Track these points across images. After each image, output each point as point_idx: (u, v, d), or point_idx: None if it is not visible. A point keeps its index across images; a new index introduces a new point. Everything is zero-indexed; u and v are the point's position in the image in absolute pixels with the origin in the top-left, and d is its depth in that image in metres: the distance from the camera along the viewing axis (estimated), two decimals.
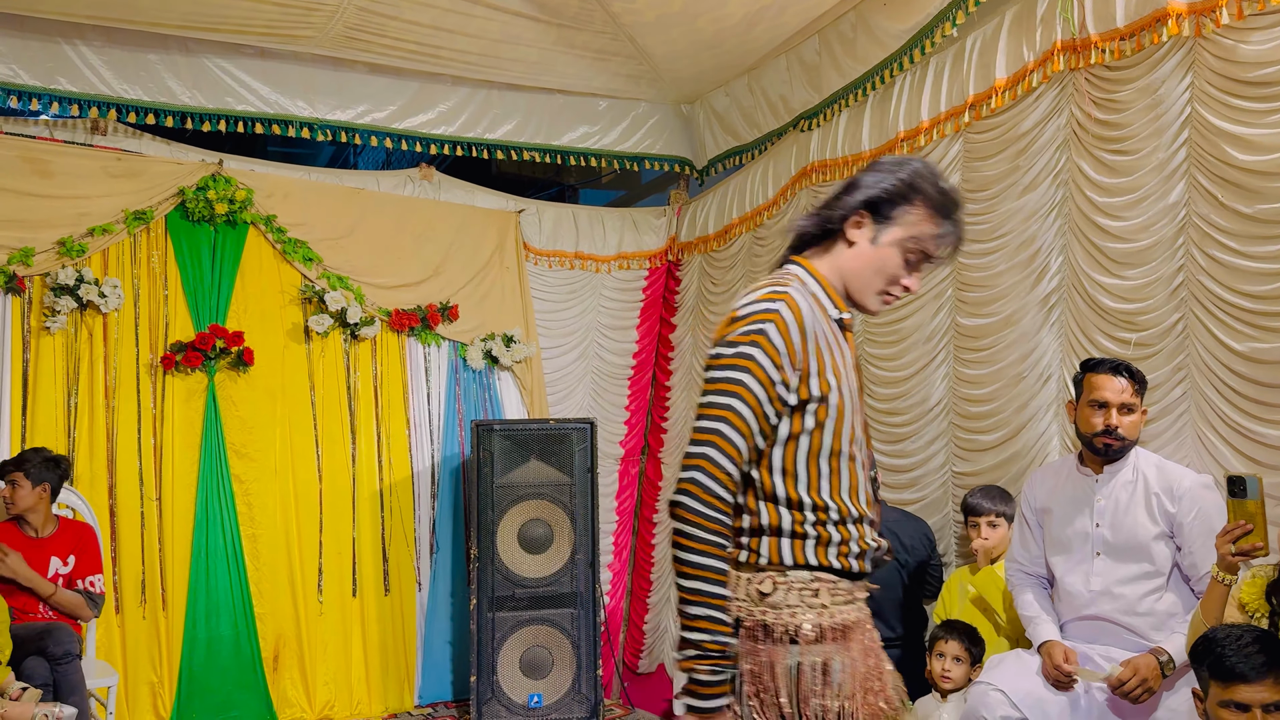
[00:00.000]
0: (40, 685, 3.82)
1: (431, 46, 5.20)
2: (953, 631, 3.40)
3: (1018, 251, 3.86)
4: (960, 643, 3.37)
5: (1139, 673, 2.80)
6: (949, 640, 3.38)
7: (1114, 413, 2.95)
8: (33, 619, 4.17)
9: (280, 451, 5.26)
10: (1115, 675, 2.84)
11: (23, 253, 4.70)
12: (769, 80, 5.48)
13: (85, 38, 4.92)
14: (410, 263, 5.67)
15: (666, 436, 6.31)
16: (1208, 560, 2.69)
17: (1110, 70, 3.48)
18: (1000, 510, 3.66)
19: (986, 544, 3.62)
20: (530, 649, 5.15)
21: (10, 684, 3.71)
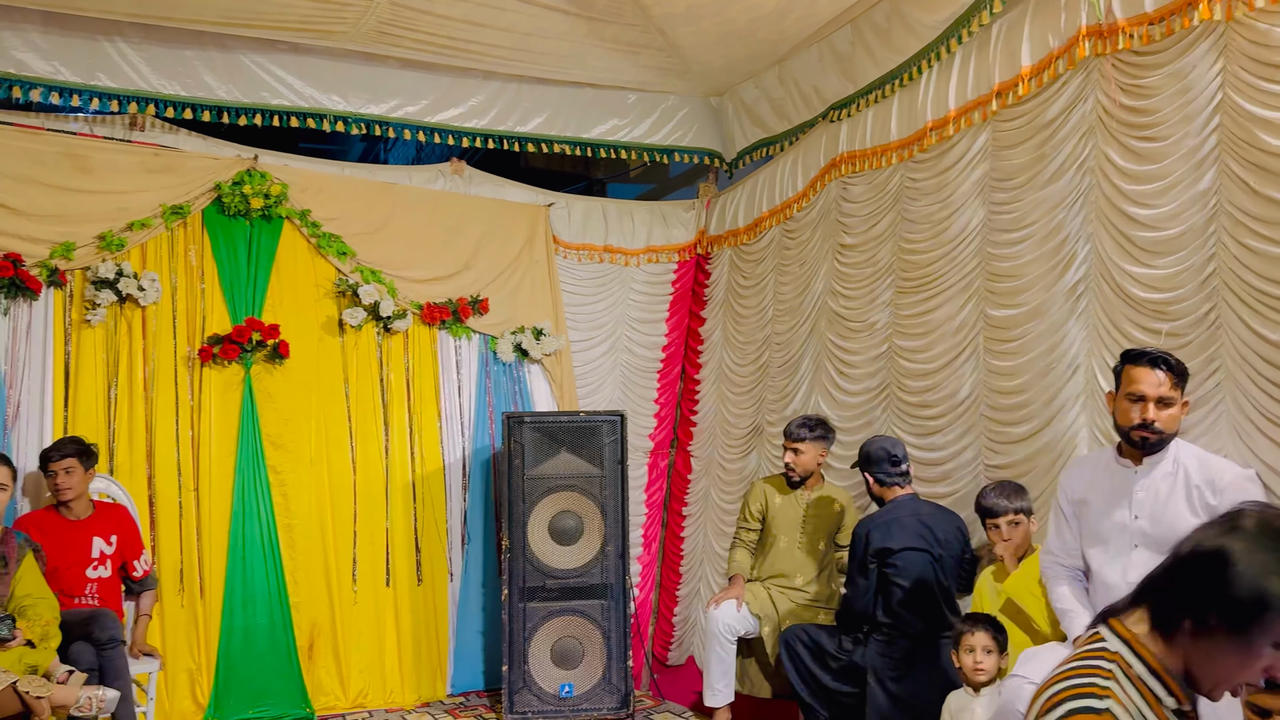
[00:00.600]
0: (86, 669, 3.93)
1: (463, 41, 5.24)
2: (977, 624, 3.36)
3: (1044, 241, 3.83)
4: (987, 633, 3.33)
5: None
6: (975, 632, 3.34)
7: (1151, 407, 2.89)
8: (74, 605, 4.27)
9: (315, 443, 5.34)
10: None
11: (64, 247, 4.81)
12: (800, 71, 5.47)
13: (124, 35, 5.02)
14: (441, 256, 5.73)
15: (696, 430, 6.32)
16: None
17: (1138, 56, 3.44)
18: (1018, 507, 3.56)
19: (1011, 544, 3.53)
20: (561, 639, 5.19)
21: (56, 667, 3.81)
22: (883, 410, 4.75)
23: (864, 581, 3.97)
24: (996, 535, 3.56)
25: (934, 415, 4.39)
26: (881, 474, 4.06)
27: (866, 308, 4.88)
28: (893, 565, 3.90)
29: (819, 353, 5.24)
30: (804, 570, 4.67)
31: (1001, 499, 3.57)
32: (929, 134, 4.42)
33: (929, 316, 4.44)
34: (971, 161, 4.24)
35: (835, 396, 5.08)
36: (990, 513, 3.57)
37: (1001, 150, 4.06)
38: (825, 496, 4.72)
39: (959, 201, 4.29)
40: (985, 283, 4.14)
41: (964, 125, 4.23)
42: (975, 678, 3.33)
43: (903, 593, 3.88)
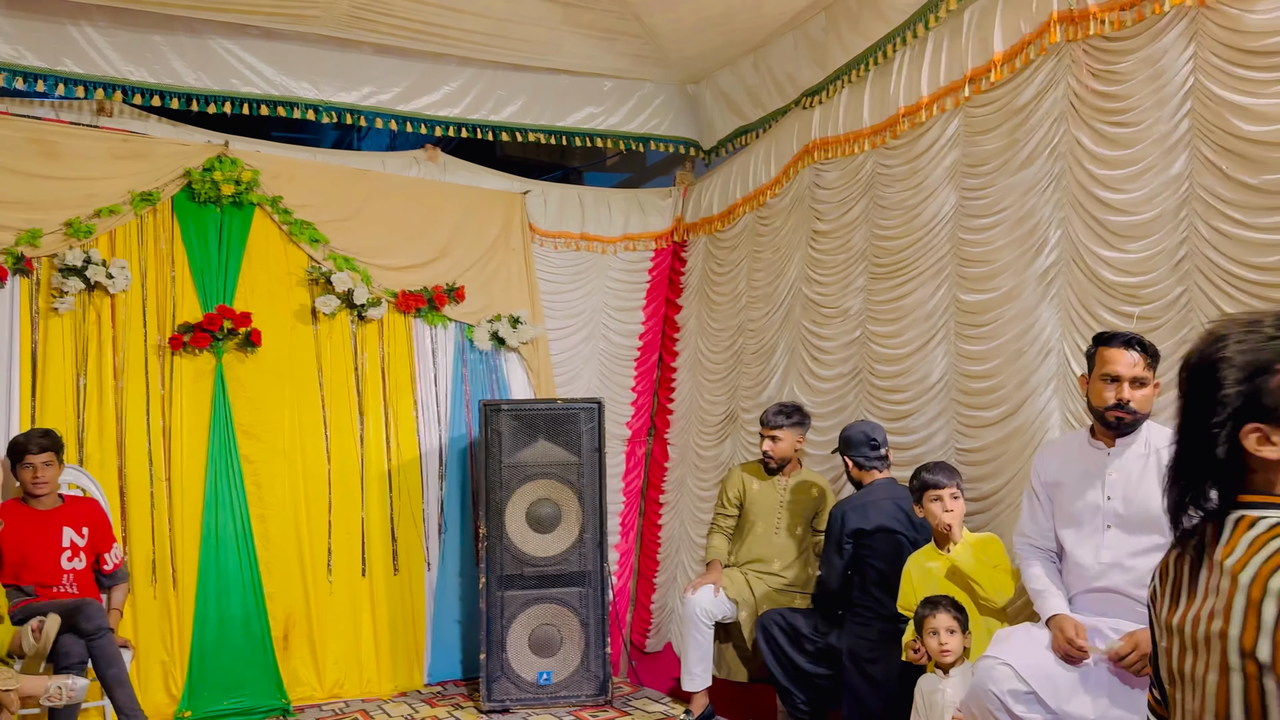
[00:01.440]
0: (78, 663, 3.90)
1: (438, 26, 5.20)
2: (937, 605, 3.37)
3: (1016, 226, 3.85)
4: (948, 614, 3.35)
5: (1139, 646, 2.80)
6: (937, 614, 3.35)
7: (1125, 386, 2.94)
8: (54, 595, 4.23)
9: (289, 432, 5.30)
10: (1116, 649, 2.84)
11: (30, 234, 4.74)
12: (775, 58, 5.46)
13: (91, 19, 4.95)
14: (417, 244, 5.69)
15: (673, 418, 6.33)
16: None
17: (1109, 41, 3.46)
18: (957, 482, 3.59)
19: (955, 515, 3.53)
20: (539, 627, 5.19)
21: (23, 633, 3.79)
22: (855, 395, 4.77)
23: (838, 561, 4.01)
24: (939, 507, 3.53)
25: (905, 400, 4.42)
26: (860, 457, 4.09)
27: (840, 293, 4.90)
28: (868, 547, 3.93)
29: (793, 339, 5.26)
30: (782, 555, 4.69)
31: (942, 475, 3.57)
32: (901, 120, 4.44)
33: (901, 302, 4.46)
34: (944, 147, 4.25)
35: (809, 382, 5.10)
36: (933, 485, 3.55)
37: (974, 136, 4.08)
38: (803, 482, 4.74)
39: (931, 187, 4.31)
40: (957, 268, 4.16)
41: (936, 112, 4.24)
42: (942, 659, 3.35)
43: (877, 574, 3.91)
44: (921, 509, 3.63)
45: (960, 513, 3.57)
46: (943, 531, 3.56)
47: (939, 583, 3.53)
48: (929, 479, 3.59)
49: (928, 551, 3.66)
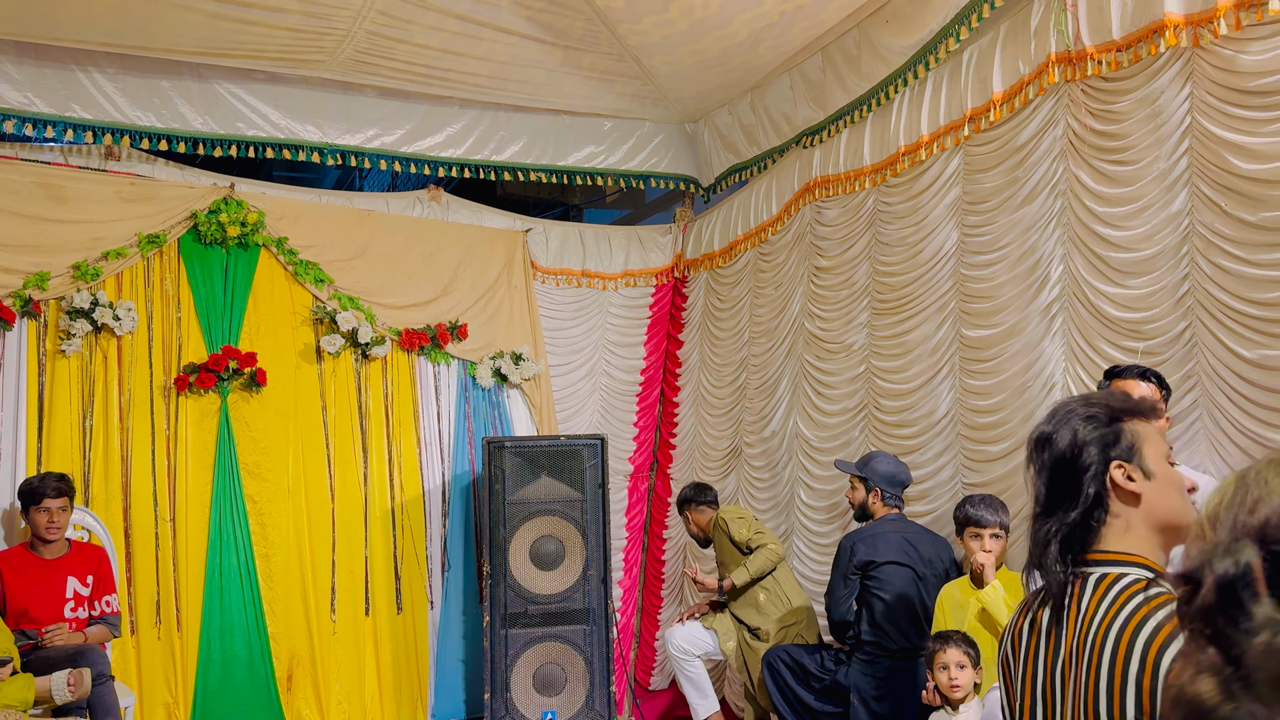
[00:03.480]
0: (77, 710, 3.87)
1: (440, 70, 5.27)
2: (947, 640, 3.37)
3: (1018, 262, 3.90)
4: (959, 649, 3.34)
5: None
6: (947, 649, 3.35)
7: None
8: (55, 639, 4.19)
9: (293, 471, 5.30)
10: None
11: (38, 277, 4.76)
12: (772, 98, 5.55)
13: (99, 65, 5.01)
14: (419, 283, 5.73)
15: (675, 453, 6.34)
16: None
17: (1107, 81, 3.53)
18: (1002, 520, 3.60)
19: (991, 556, 3.54)
20: (543, 666, 5.16)
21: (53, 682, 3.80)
22: (861, 430, 4.80)
23: (843, 591, 4.02)
24: (977, 545, 3.55)
25: (912, 435, 4.44)
26: (889, 493, 4.12)
27: (843, 329, 4.94)
28: (875, 578, 3.94)
29: (796, 374, 5.29)
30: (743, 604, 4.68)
31: (987, 511, 3.58)
32: (902, 158, 4.50)
33: (906, 337, 4.50)
34: (945, 185, 4.32)
35: (813, 417, 5.12)
36: (975, 523, 3.57)
37: (974, 174, 4.14)
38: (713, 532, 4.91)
39: (933, 224, 4.37)
40: (960, 303, 4.21)
41: (937, 150, 4.31)
42: (952, 694, 3.34)
43: (885, 606, 3.91)
44: (961, 542, 3.64)
45: (999, 553, 3.57)
46: (975, 570, 3.57)
47: (969, 620, 3.54)
48: (973, 514, 3.58)
49: (962, 585, 3.66)
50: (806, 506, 5.14)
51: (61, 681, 3.80)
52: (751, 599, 4.62)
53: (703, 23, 4.78)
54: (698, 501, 5.07)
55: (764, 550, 4.57)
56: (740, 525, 4.67)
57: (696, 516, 5.06)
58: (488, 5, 4.68)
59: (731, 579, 4.60)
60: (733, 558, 4.71)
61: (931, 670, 3.39)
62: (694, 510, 5.07)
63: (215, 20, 4.58)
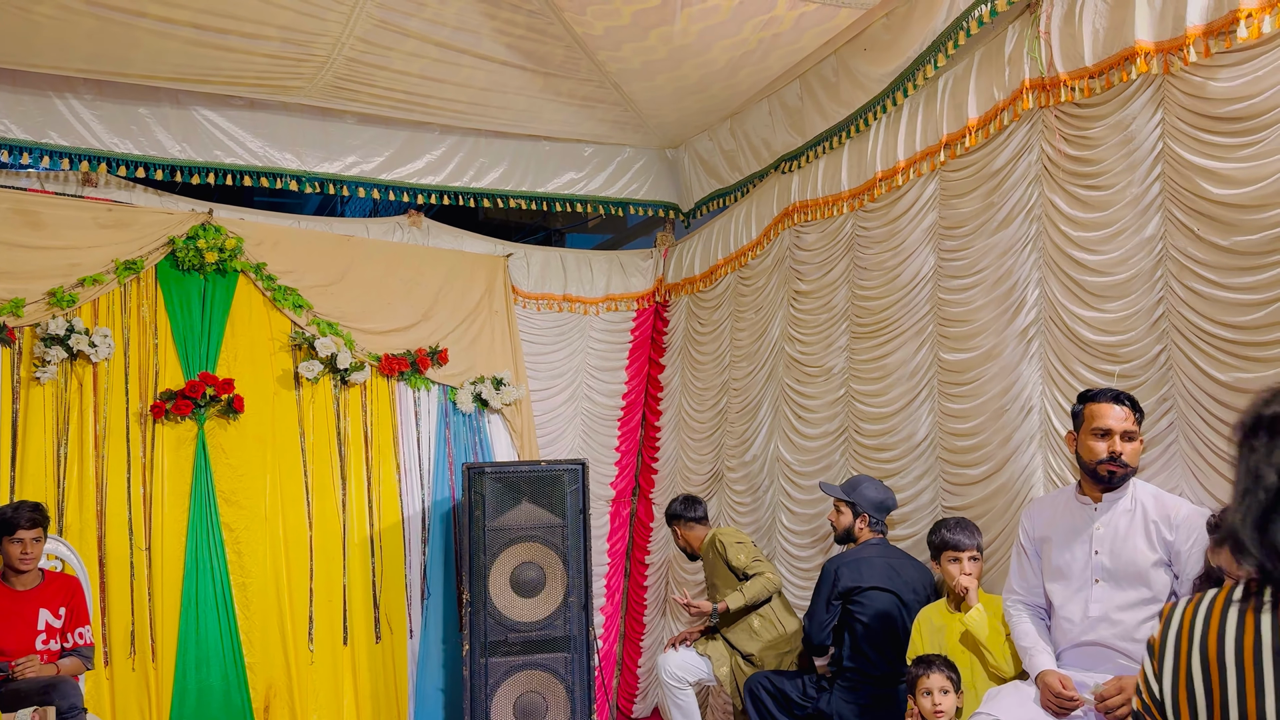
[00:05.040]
0: None
1: (420, 96, 5.28)
2: (930, 665, 3.37)
3: (995, 286, 3.93)
4: (942, 673, 3.34)
5: (1125, 690, 2.82)
6: (930, 674, 3.35)
7: (1117, 440, 3.00)
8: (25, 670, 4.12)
9: (270, 498, 5.25)
10: (1100, 689, 2.87)
11: (13, 304, 4.72)
12: (751, 124, 5.58)
13: (76, 91, 4.99)
14: (400, 308, 5.71)
15: (657, 477, 6.32)
16: None
17: (1080, 108, 3.57)
18: (978, 543, 3.63)
19: (973, 579, 3.56)
20: (524, 695, 5.11)
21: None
22: (841, 454, 4.80)
23: (825, 616, 4.01)
24: (957, 569, 3.57)
25: (892, 458, 4.45)
26: (875, 519, 4.12)
27: (823, 353, 4.95)
28: (858, 603, 3.93)
29: (777, 397, 5.30)
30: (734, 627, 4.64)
31: (964, 535, 3.62)
32: (879, 184, 4.54)
33: (884, 361, 4.52)
34: (921, 210, 4.35)
35: (794, 440, 5.12)
36: (954, 546, 3.60)
37: (950, 199, 4.17)
38: (707, 548, 4.84)
39: (910, 248, 4.40)
40: (938, 327, 4.23)
41: (913, 175, 4.35)
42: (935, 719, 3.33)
43: (867, 631, 3.90)
44: (938, 566, 3.64)
45: (978, 575, 3.58)
46: (958, 594, 3.57)
47: (948, 644, 3.53)
48: (950, 538, 3.60)
49: (939, 610, 3.65)
50: (788, 530, 5.13)
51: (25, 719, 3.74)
52: (745, 624, 4.58)
53: (682, 50, 4.81)
54: (687, 518, 5.02)
55: (762, 579, 4.50)
56: (739, 550, 4.60)
57: (686, 533, 5.01)
58: (467, 32, 4.70)
59: (726, 603, 4.53)
60: (726, 580, 4.66)
61: (914, 695, 3.38)
62: (684, 526, 5.02)
63: (193, 46, 4.58)
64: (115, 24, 4.33)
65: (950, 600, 3.64)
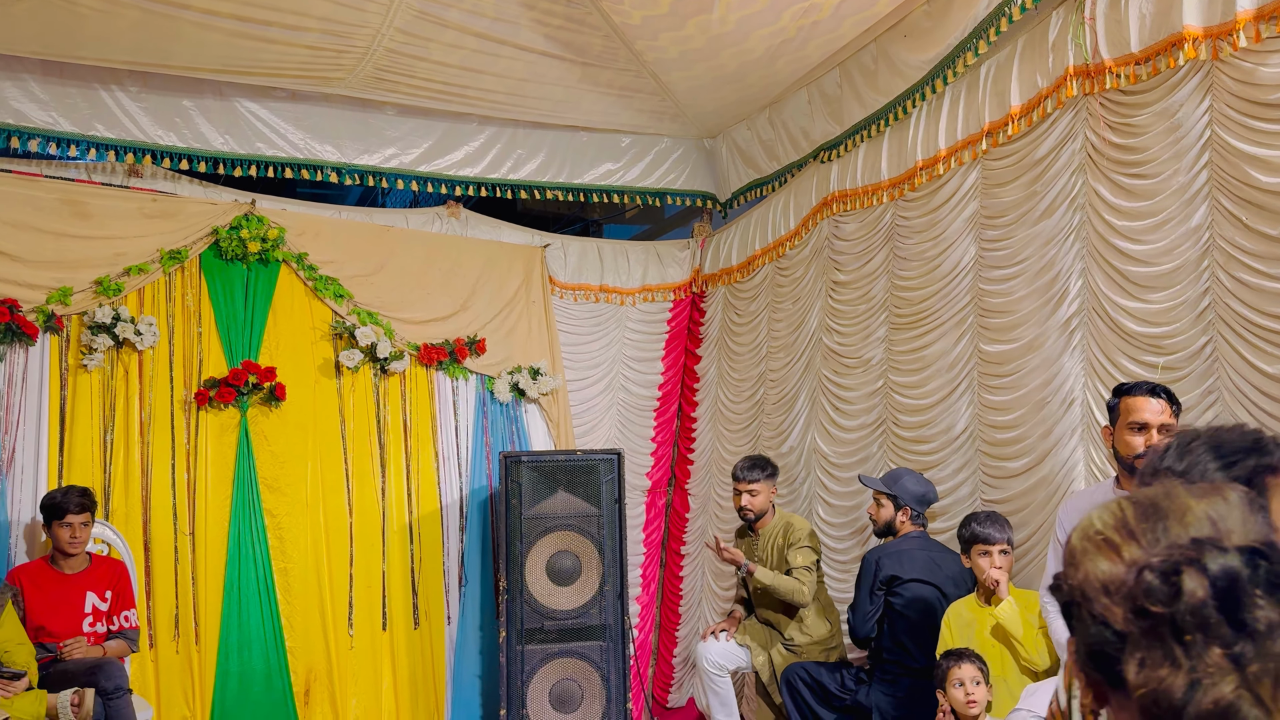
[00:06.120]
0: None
1: (458, 87, 5.31)
2: (960, 657, 3.34)
3: (1037, 276, 3.88)
4: (973, 664, 3.32)
5: None
6: (961, 665, 3.32)
7: (1154, 433, 2.94)
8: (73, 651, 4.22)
9: (311, 485, 5.32)
10: None
11: (61, 292, 4.82)
12: (790, 113, 5.55)
13: (122, 84, 5.07)
14: (438, 298, 5.76)
15: (693, 468, 6.32)
16: None
17: (1126, 95, 3.51)
18: (1009, 537, 3.59)
19: (1004, 572, 3.53)
20: (560, 682, 5.14)
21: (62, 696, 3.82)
22: (879, 445, 4.77)
23: (869, 607, 3.98)
24: (987, 562, 3.55)
25: (930, 450, 4.41)
26: (916, 511, 4.10)
27: (861, 344, 4.92)
28: (899, 595, 3.91)
29: (814, 389, 5.27)
30: (778, 611, 4.60)
31: (994, 528, 3.58)
32: (919, 173, 4.49)
33: (924, 352, 4.47)
34: (963, 199, 4.29)
35: (831, 432, 5.10)
36: (984, 540, 3.57)
37: (992, 188, 4.12)
38: (770, 528, 4.66)
39: (951, 238, 4.35)
40: (979, 318, 4.18)
41: (954, 164, 4.29)
42: (968, 710, 3.30)
43: (908, 624, 3.88)
44: (968, 560, 3.61)
45: (1008, 569, 3.55)
46: (989, 587, 3.54)
47: (978, 638, 3.50)
48: (980, 531, 3.57)
49: (969, 603, 3.63)
50: (825, 523, 5.11)
51: (66, 701, 3.83)
52: (799, 617, 4.53)
53: (720, 39, 4.79)
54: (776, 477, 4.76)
55: (800, 585, 4.39)
56: (805, 554, 4.47)
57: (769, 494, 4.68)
58: (506, 23, 4.71)
59: (755, 571, 4.46)
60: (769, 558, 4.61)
61: (944, 689, 3.35)
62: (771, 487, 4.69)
63: (235, 38, 4.63)
64: (159, 16, 4.39)
65: (980, 594, 3.62)
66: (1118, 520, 0.86)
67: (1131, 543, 0.84)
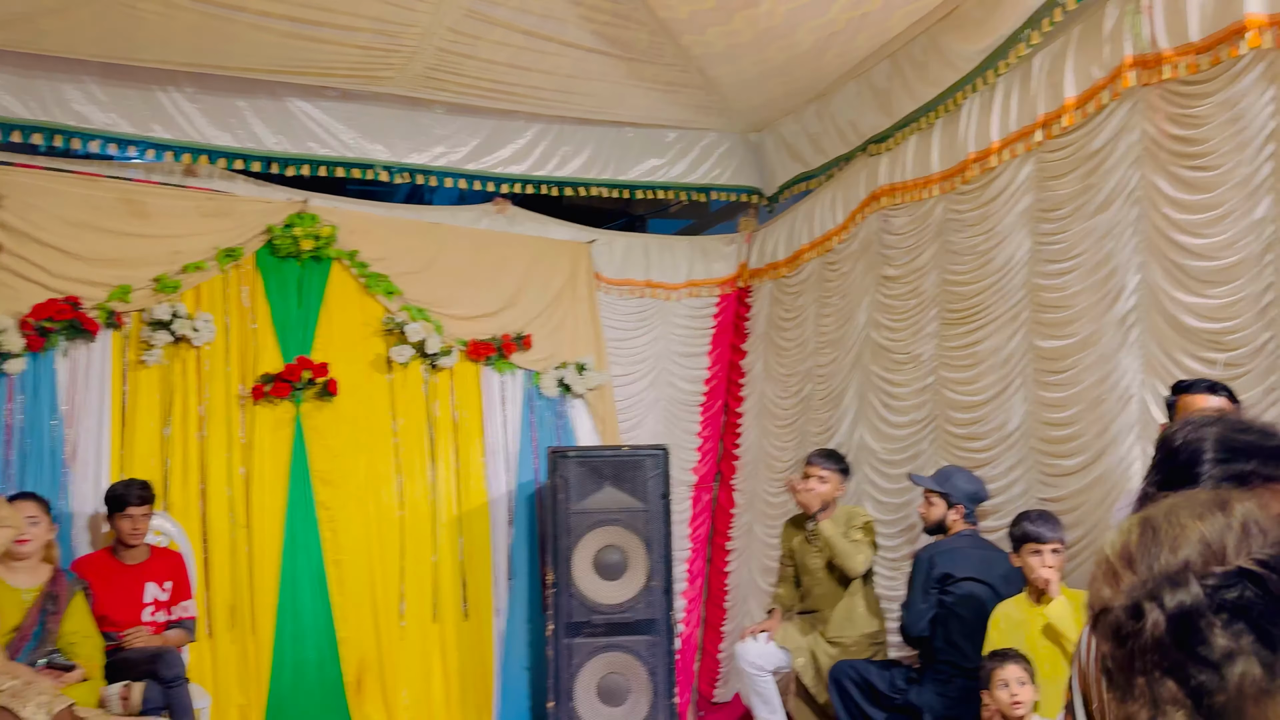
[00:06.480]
0: (155, 709, 4.00)
1: (506, 84, 5.34)
2: (1005, 657, 3.31)
3: (1093, 271, 3.82)
4: (1019, 665, 3.29)
5: None
6: (1006, 665, 3.29)
7: None
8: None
9: (363, 479, 5.40)
10: None
11: (121, 290, 4.93)
12: (838, 105, 5.50)
13: (178, 85, 5.17)
14: (486, 294, 5.80)
15: (739, 464, 6.31)
16: None
17: (1185, 85, 3.43)
18: (1060, 536, 3.54)
19: (1055, 571, 3.49)
20: (607, 676, 5.17)
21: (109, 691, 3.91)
22: (930, 443, 4.73)
23: (923, 606, 3.95)
24: (1038, 561, 3.50)
25: (983, 448, 4.36)
26: (970, 509, 4.06)
27: (911, 339, 4.87)
28: (951, 593, 3.88)
29: (863, 385, 5.23)
30: (831, 605, 4.56)
31: (1046, 527, 3.54)
32: (972, 166, 4.44)
33: (976, 348, 4.42)
34: (1016, 192, 4.24)
35: (880, 429, 5.06)
36: (1035, 539, 3.52)
37: (1047, 181, 4.06)
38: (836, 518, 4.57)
39: (1004, 232, 4.29)
40: (1033, 313, 4.13)
41: (1008, 156, 4.24)
42: (1013, 711, 3.27)
43: (961, 623, 3.84)
44: (1018, 558, 3.57)
45: (1059, 568, 3.51)
46: (1039, 586, 3.50)
47: (1028, 638, 3.46)
48: (1031, 530, 3.53)
49: (1019, 603, 3.59)
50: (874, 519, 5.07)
51: (114, 694, 3.93)
52: (848, 609, 4.50)
53: (768, 32, 4.76)
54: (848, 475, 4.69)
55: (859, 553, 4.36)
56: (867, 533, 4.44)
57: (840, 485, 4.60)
58: (554, 20, 4.73)
59: (825, 528, 4.41)
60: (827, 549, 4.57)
61: (989, 689, 3.32)
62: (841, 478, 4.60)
63: (288, 39, 4.70)
64: (215, 18, 4.47)
65: (1031, 593, 3.58)
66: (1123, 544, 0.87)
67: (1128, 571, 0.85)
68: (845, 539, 4.42)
